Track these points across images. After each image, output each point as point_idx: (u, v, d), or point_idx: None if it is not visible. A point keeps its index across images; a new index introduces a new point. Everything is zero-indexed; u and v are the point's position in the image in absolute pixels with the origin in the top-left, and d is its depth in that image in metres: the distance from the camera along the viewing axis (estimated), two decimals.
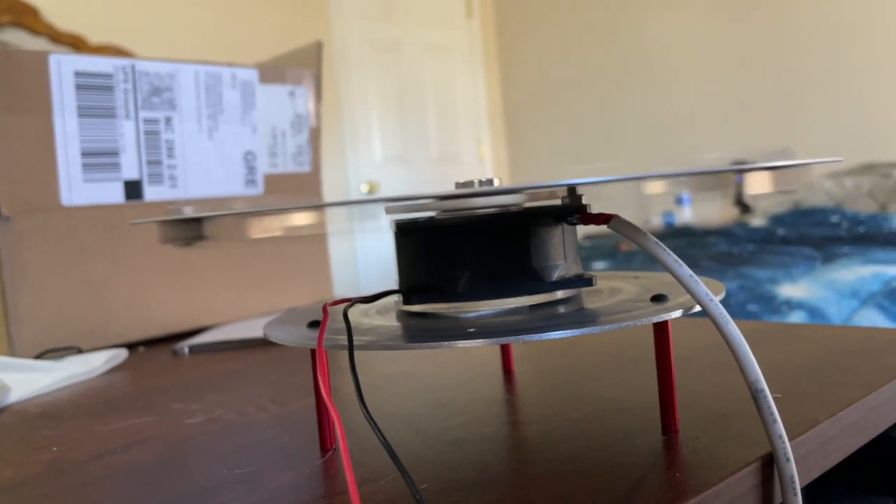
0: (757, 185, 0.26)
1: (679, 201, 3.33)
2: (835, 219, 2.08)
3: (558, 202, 0.35)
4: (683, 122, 3.52)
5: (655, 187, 0.33)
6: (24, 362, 0.56)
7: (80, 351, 0.64)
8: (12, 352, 0.61)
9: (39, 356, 0.62)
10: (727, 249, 1.93)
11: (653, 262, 1.87)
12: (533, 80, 4.04)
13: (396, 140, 3.70)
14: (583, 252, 2.34)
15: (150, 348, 0.66)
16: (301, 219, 0.31)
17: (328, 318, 0.29)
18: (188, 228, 0.31)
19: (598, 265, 1.99)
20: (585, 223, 0.32)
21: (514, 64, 4.12)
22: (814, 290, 1.41)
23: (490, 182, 0.36)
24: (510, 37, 4.12)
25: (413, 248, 0.33)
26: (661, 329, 0.31)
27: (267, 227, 0.28)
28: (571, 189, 0.33)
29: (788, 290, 1.43)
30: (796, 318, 1.34)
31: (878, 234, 1.86)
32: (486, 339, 0.27)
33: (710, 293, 0.29)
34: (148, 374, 0.55)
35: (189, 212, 0.33)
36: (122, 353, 0.61)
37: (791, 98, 3.15)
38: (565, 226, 0.34)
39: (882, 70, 2.89)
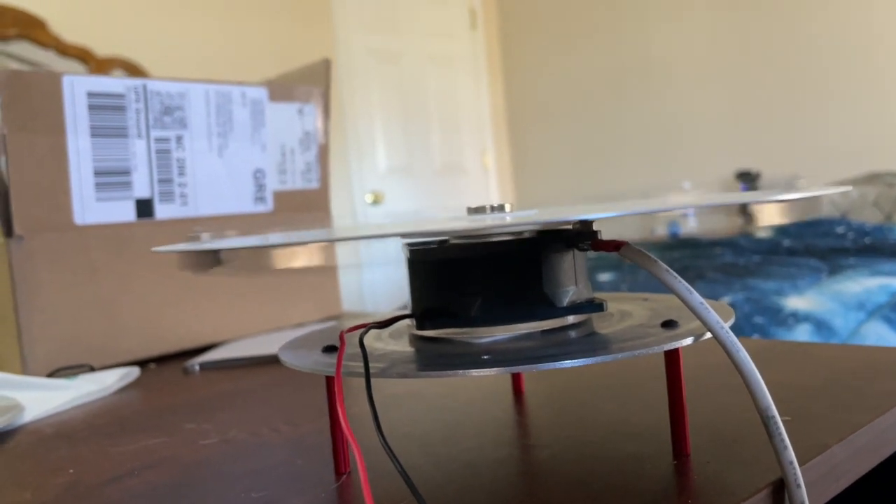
0: (767, 216, 0.26)
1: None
2: (840, 230, 2.08)
3: (569, 227, 0.35)
4: (687, 132, 3.52)
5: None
6: (38, 381, 0.56)
7: (92, 369, 0.64)
8: (25, 370, 0.62)
9: (52, 374, 0.62)
10: (733, 260, 1.93)
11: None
12: (536, 90, 4.06)
13: (400, 150, 3.71)
14: (589, 263, 2.34)
15: (161, 365, 0.67)
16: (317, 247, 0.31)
17: (345, 346, 0.30)
18: (207, 255, 0.32)
19: (604, 276, 1.99)
20: (596, 249, 0.33)
21: (518, 74, 4.14)
22: (820, 302, 1.41)
23: (502, 207, 0.37)
24: (513, 47, 4.14)
25: (425, 274, 0.34)
26: (672, 356, 0.31)
27: (288, 259, 0.28)
28: None
29: (795, 302, 1.43)
30: (802, 330, 1.34)
31: (884, 245, 1.86)
32: (500, 368, 0.28)
33: (721, 320, 0.29)
34: (160, 393, 0.56)
35: (206, 238, 0.34)
36: (134, 371, 0.61)
37: (795, 108, 3.16)
38: (576, 251, 0.34)
39: (886, 79, 2.89)
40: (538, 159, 4.10)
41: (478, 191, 4.05)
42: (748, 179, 3.30)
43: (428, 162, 3.82)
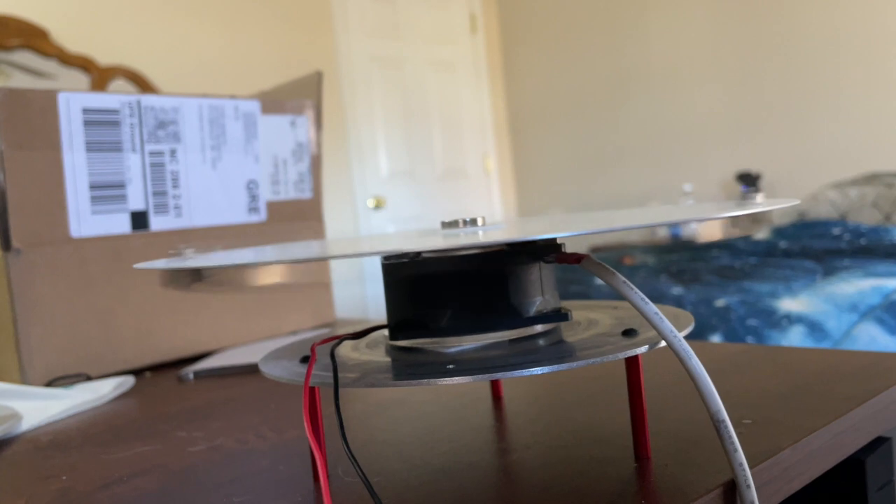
0: (708, 233, 0.27)
1: None
2: (836, 231, 2.09)
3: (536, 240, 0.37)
4: (688, 134, 3.53)
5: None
6: (36, 390, 0.58)
7: (88, 378, 0.66)
8: (24, 380, 0.63)
9: (50, 384, 0.64)
10: (729, 263, 1.94)
11: (654, 278, 1.88)
12: (537, 94, 4.07)
13: (402, 155, 3.73)
14: None
15: (157, 374, 0.68)
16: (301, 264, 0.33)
17: (316, 358, 0.31)
18: (187, 272, 0.33)
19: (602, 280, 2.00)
20: (560, 262, 0.34)
21: (519, 78, 4.15)
22: (813, 304, 1.43)
23: (474, 222, 0.39)
24: (514, 51, 4.16)
25: (398, 287, 0.35)
26: (631, 363, 0.33)
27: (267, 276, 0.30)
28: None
29: (788, 304, 1.44)
30: (796, 332, 1.36)
31: (879, 247, 1.87)
32: (465, 377, 0.29)
33: (675, 329, 0.30)
34: (154, 401, 0.57)
35: (190, 255, 0.35)
36: (130, 381, 0.63)
37: (795, 109, 3.17)
38: (542, 263, 0.36)
39: (886, 79, 2.90)
40: (540, 163, 4.11)
41: (480, 195, 4.07)
42: (749, 180, 3.31)
43: (430, 166, 3.84)
